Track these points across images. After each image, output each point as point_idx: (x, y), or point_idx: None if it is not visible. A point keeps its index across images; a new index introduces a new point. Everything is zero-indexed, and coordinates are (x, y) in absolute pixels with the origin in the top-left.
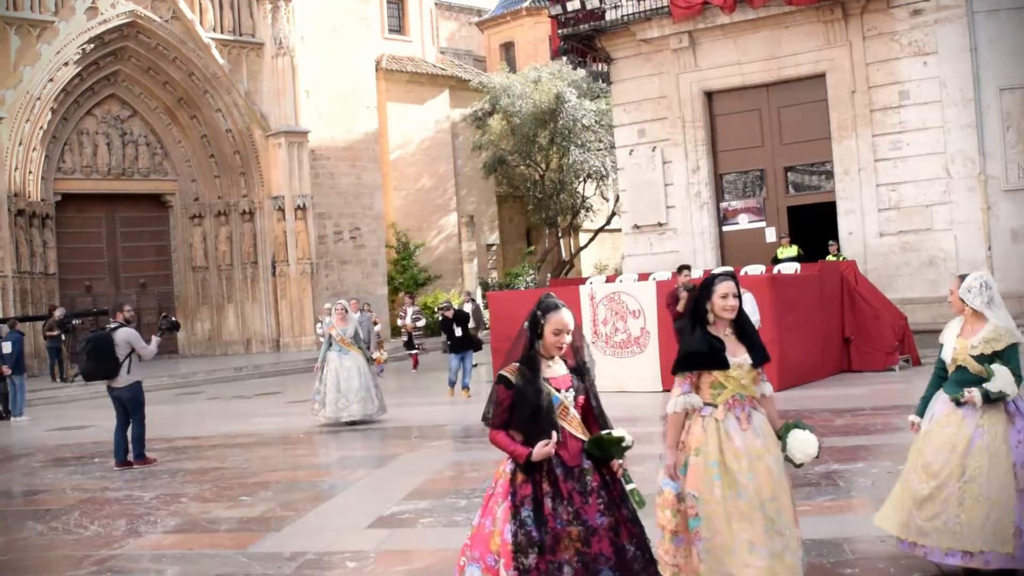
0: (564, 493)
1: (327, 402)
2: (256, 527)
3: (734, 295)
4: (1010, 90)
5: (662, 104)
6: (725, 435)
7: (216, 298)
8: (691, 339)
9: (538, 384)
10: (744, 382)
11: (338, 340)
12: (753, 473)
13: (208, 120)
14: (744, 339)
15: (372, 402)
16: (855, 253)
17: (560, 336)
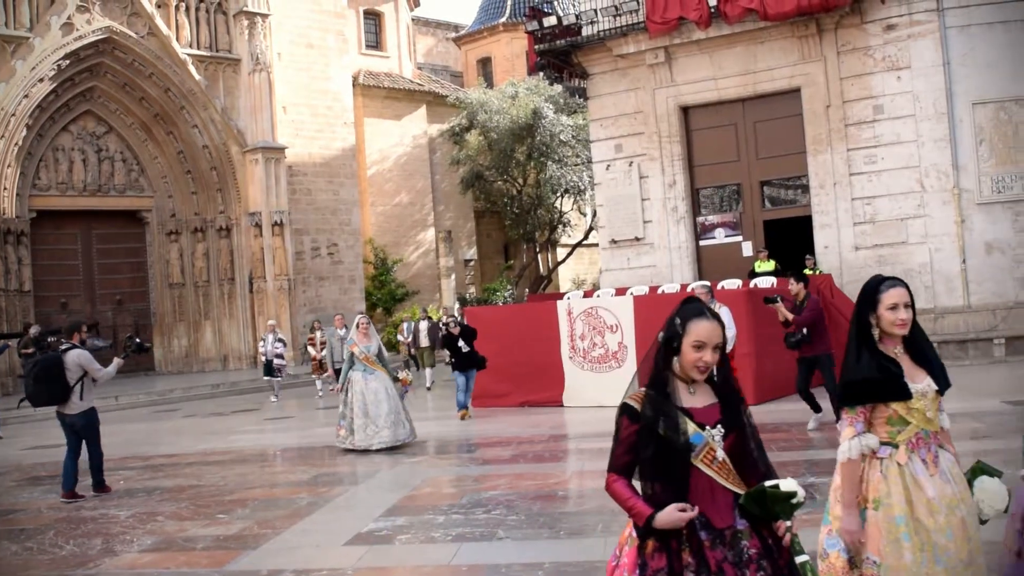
0: (712, 566)
1: (355, 428)
2: (233, 545)
3: (906, 305)
4: (982, 104)
5: (638, 119)
6: (912, 482)
7: (193, 315)
8: (857, 364)
9: (673, 416)
10: (929, 414)
11: (361, 358)
12: (951, 530)
13: (185, 136)
14: (921, 360)
15: (403, 426)
16: (831, 267)
17: (703, 352)
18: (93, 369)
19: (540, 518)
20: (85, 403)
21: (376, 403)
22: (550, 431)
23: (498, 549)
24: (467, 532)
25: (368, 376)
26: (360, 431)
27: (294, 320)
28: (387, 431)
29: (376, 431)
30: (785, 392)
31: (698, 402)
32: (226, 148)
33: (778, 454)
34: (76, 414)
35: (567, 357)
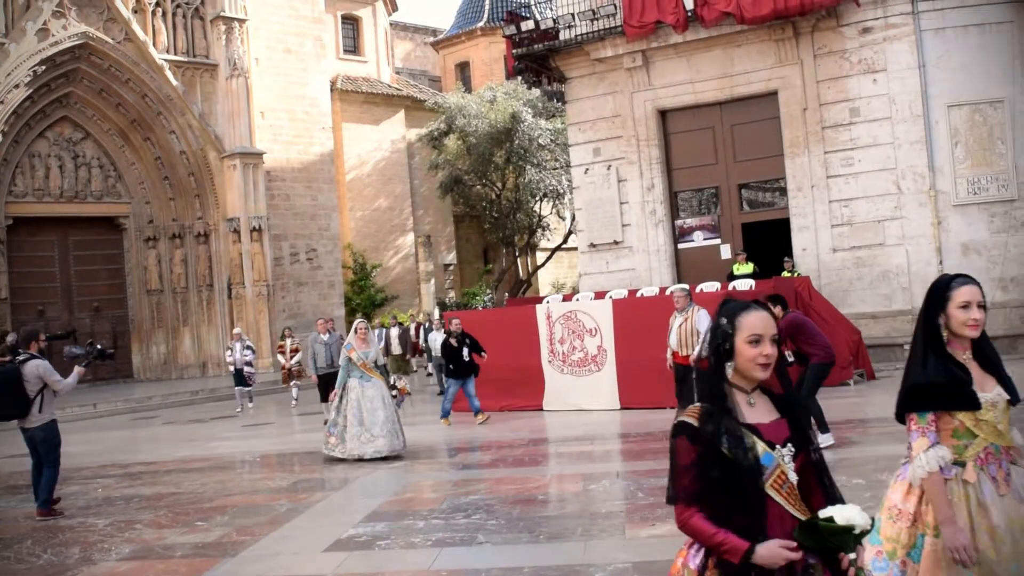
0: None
1: (347, 436)
2: (212, 552)
3: (979, 304)
4: (957, 107)
5: (616, 123)
6: (977, 507)
7: (171, 321)
8: (923, 369)
9: (738, 433)
10: (1000, 427)
11: (359, 365)
12: (1018, 560)
13: (162, 142)
14: (990, 366)
15: (397, 436)
16: (809, 269)
17: (762, 346)
18: (53, 380)
19: (520, 522)
20: (45, 415)
21: (372, 411)
22: (530, 435)
23: (478, 554)
24: (447, 537)
25: (365, 383)
26: (353, 439)
27: (273, 326)
28: (383, 440)
29: (371, 439)
30: None
31: (763, 417)
32: (204, 154)
33: None
34: (36, 427)
35: (546, 361)
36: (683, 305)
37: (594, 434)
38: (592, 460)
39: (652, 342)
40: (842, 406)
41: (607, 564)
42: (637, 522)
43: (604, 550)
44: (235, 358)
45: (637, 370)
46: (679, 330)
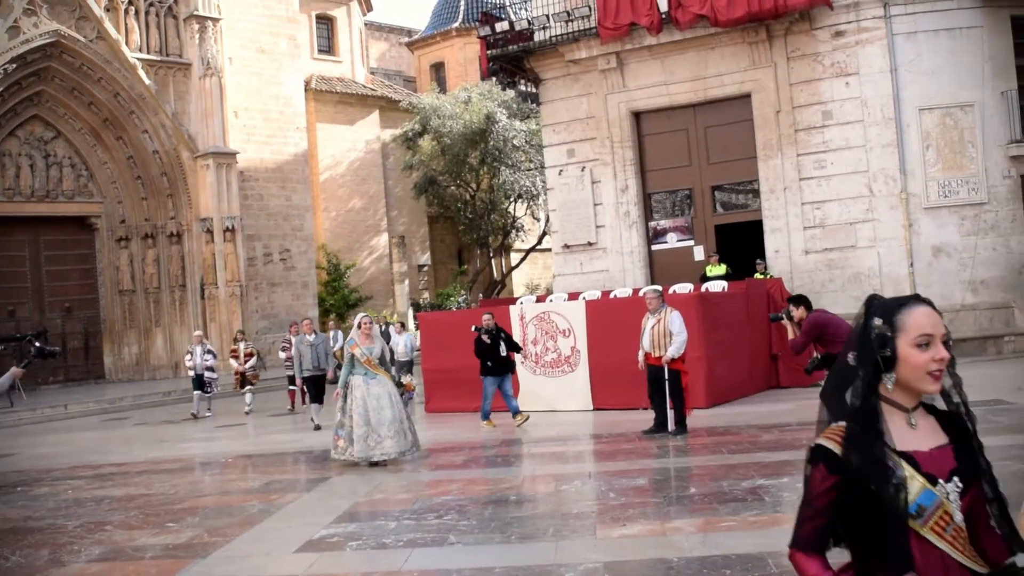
0: None
1: (355, 438)
2: (183, 554)
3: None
4: (929, 110)
5: (591, 124)
6: None
7: (144, 322)
8: None
9: (890, 465)
10: None
11: (363, 362)
12: None
13: (134, 141)
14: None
15: (405, 436)
16: (781, 270)
17: (934, 350)
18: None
19: (491, 523)
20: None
21: (378, 410)
22: (502, 436)
23: (449, 554)
24: (418, 538)
25: (370, 381)
26: (360, 441)
27: (246, 326)
28: (390, 441)
29: (378, 441)
30: (738, 394)
31: (923, 442)
32: (177, 153)
33: (728, 456)
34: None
35: (520, 362)
36: (655, 307)
37: (567, 435)
38: (564, 461)
39: (625, 343)
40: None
41: (578, 564)
42: (608, 522)
43: (575, 550)
44: (195, 362)
45: (610, 371)
46: (652, 331)
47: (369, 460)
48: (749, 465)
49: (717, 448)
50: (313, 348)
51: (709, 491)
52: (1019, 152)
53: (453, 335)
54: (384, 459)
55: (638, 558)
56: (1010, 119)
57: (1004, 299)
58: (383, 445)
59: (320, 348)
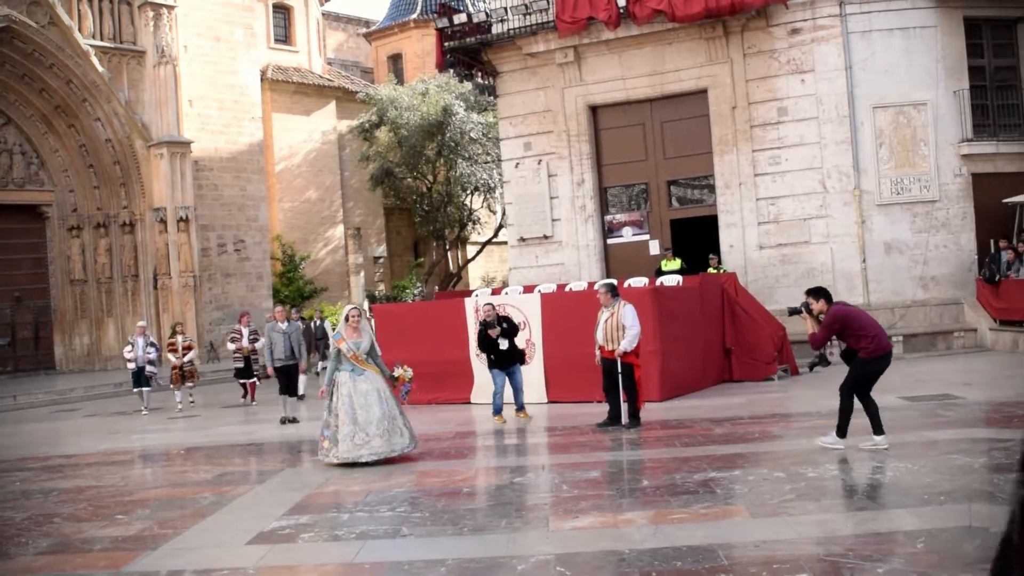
0: None
1: (340, 437)
2: (132, 546)
3: None
4: (882, 108)
5: (548, 118)
6: None
7: (95, 312)
8: None
9: None
10: None
11: (350, 357)
12: None
13: (87, 129)
14: None
15: (399, 433)
16: (736, 265)
17: None
18: None
19: (444, 515)
20: None
21: (366, 407)
22: (457, 428)
23: (401, 546)
24: (371, 530)
25: (357, 377)
26: (346, 440)
27: (200, 317)
28: (379, 440)
29: (366, 440)
30: (691, 388)
31: None
32: (130, 142)
33: (680, 449)
34: None
35: (475, 355)
36: (607, 301)
37: (521, 427)
38: (518, 453)
39: (580, 337)
40: (766, 401)
41: (530, 556)
42: (561, 515)
43: (527, 542)
44: (136, 355)
45: (565, 364)
46: (605, 325)
47: (357, 460)
48: (701, 458)
49: (670, 441)
50: (286, 336)
51: (661, 484)
52: (970, 151)
53: (410, 327)
54: (373, 459)
55: (590, 550)
56: (962, 118)
57: (954, 295)
58: (371, 444)
59: (293, 337)
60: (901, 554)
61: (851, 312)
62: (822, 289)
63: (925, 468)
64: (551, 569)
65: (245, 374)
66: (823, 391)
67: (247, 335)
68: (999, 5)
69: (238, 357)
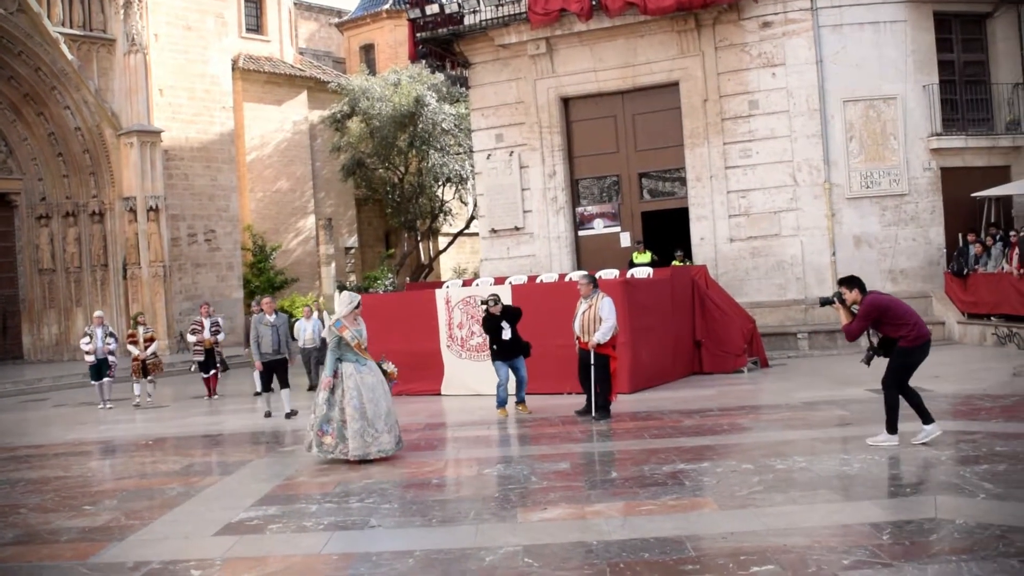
0: None
1: (350, 434)
2: (99, 537)
3: None
4: (853, 102)
5: (519, 109)
6: None
7: (64, 301)
8: None
9: None
10: None
11: (354, 346)
12: None
13: (56, 117)
14: None
15: (395, 430)
16: (706, 258)
17: None
18: None
19: (413, 506)
20: None
21: (374, 401)
22: (427, 419)
23: (370, 538)
24: (339, 521)
25: (362, 368)
26: (357, 437)
27: (169, 308)
28: (387, 436)
29: (375, 436)
30: (661, 381)
31: None
32: (100, 130)
33: (650, 441)
34: None
35: (445, 346)
36: (587, 292)
37: (491, 419)
38: (488, 445)
39: (550, 328)
40: (735, 393)
41: (498, 547)
42: (530, 506)
43: (496, 534)
44: (95, 347)
45: (535, 356)
46: (582, 317)
47: (366, 457)
48: (670, 450)
49: (639, 433)
50: (274, 329)
51: (630, 475)
52: (939, 145)
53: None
54: (381, 455)
55: (558, 541)
56: (931, 112)
57: (922, 289)
58: (380, 440)
59: (282, 329)
60: (867, 545)
61: (888, 301)
62: (855, 278)
63: (892, 460)
64: (519, 560)
65: (207, 367)
66: (792, 383)
67: (208, 326)
68: (968, 0)
69: (199, 350)
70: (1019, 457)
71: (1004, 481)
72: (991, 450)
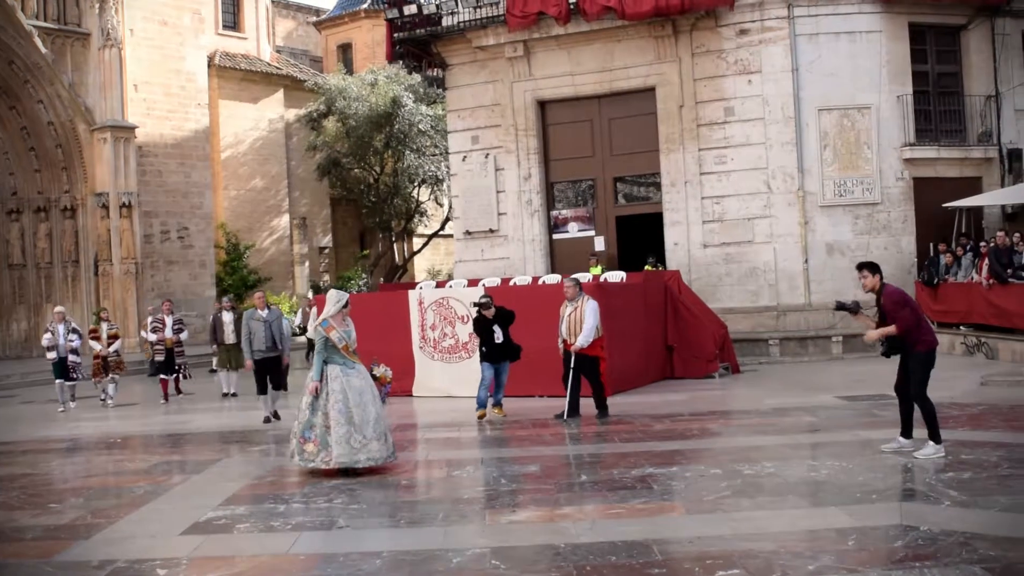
0: None
1: (334, 440)
2: (64, 535)
3: None
4: (827, 111)
5: (496, 111)
6: None
7: (34, 297)
8: None
9: None
10: None
11: (341, 348)
12: None
13: (29, 111)
14: None
15: (386, 439)
16: (680, 263)
17: None
18: None
19: (382, 507)
20: None
21: (362, 406)
22: (397, 420)
23: (337, 538)
24: (307, 521)
25: (349, 371)
26: (342, 443)
27: (141, 305)
28: (376, 443)
29: (364, 443)
30: (632, 385)
31: None
32: (73, 125)
33: (620, 444)
34: None
35: (417, 347)
36: (572, 295)
37: (462, 421)
38: (458, 446)
39: (523, 331)
40: (706, 398)
41: (465, 549)
42: (498, 508)
43: (463, 535)
44: (58, 343)
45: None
46: (568, 319)
47: (353, 466)
48: (640, 454)
49: (610, 436)
50: (266, 325)
51: (600, 479)
52: (912, 155)
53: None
54: (370, 464)
55: (526, 544)
56: (905, 123)
57: None
58: (369, 448)
59: (275, 326)
60: (832, 551)
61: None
62: (876, 264)
63: (859, 467)
64: (486, 562)
65: (167, 368)
66: (763, 389)
67: (171, 325)
68: (943, 12)
69: (159, 349)
70: (984, 465)
71: (969, 489)
72: (957, 458)
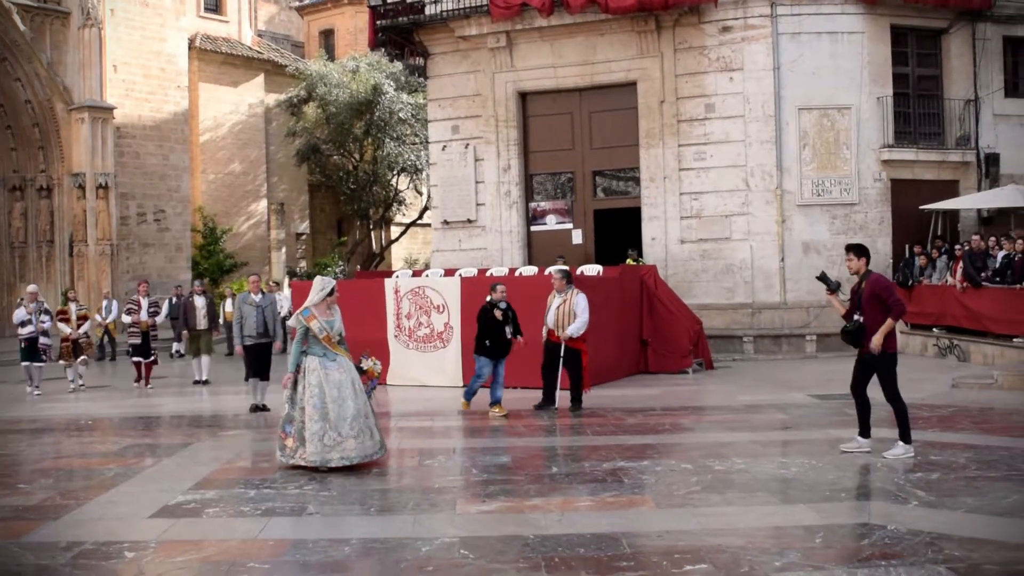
0: None
1: (308, 436)
2: (32, 516)
3: None
4: (807, 110)
5: (477, 102)
6: None
7: (7, 277)
8: None
9: None
10: None
11: (322, 339)
12: None
13: (6, 89)
14: None
15: (370, 435)
16: (657, 258)
17: None
18: None
19: (352, 494)
20: None
21: (339, 401)
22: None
23: (306, 524)
24: (277, 507)
25: (329, 364)
26: (315, 440)
27: (116, 287)
28: (352, 441)
29: (338, 440)
30: (606, 379)
31: None
32: (50, 104)
33: (592, 438)
34: None
35: (392, 336)
36: (561, 287)
37: (435, 410)
38: (431, 436)
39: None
40: (679, 393)
41: (434, 538)
42: (469, 498)
43: (433, 524)
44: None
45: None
46: (557, 311)
47: (327, 464)
48: (612, 447)
49: (582, 429)
50: (259, 310)
51: (571, 471)
52: (891, 156)
53: None
54: (344, 464)
55: (495, 534)
56: (884, 124)
57: None
58: (343, 446)
59: (268, 310)
60: (799, 548)
61: None
62: (861, 246)
63: (829, 465)
64: (455, 551)
65: (143, 351)
66: (736, 386)
67: (146, 307)
68: (925, 15)
69: (135, 332)
70: (952, 466)
71: (936, 489)
72: (925, 459)
